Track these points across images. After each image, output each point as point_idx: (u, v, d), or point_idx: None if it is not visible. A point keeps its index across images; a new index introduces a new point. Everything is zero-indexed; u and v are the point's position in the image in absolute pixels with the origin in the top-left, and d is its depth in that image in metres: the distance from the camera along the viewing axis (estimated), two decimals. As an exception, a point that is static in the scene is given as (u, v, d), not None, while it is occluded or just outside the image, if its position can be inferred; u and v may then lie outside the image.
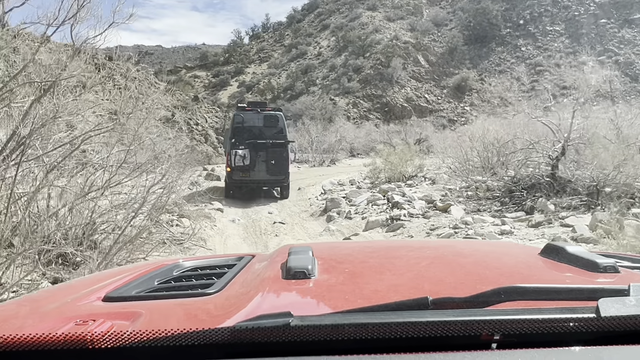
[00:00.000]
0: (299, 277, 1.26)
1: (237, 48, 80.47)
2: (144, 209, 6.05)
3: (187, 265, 1.66)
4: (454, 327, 0.80)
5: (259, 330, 0.80)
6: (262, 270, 1.47)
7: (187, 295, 1.24)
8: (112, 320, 0.95)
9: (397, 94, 51.77)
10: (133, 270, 1.60)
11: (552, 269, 1.43)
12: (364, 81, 53.56)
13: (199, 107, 34.02)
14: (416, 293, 1.06)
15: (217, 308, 1.12)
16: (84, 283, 1.58)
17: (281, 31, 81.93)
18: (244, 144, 13.12)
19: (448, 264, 1.56)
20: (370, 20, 68.56)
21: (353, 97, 51.24)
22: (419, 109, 50.80)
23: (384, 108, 50.08)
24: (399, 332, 0.79)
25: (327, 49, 68.21)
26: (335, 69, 59.35)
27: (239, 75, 70.82)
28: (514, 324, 0.81)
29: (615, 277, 1.25)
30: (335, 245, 3.36)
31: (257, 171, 13.22)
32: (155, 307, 1.13)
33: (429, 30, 65.37)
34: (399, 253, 1.84)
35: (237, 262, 1.66)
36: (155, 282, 1.43)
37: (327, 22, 74.81)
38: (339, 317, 0.85)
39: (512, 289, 0.94)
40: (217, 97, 63.17)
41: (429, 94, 53.97)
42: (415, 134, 30.29)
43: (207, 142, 30.23)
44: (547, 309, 0.85)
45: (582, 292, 0.96)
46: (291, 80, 61.52)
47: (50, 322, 1.04)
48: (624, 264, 1.48)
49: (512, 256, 1.72)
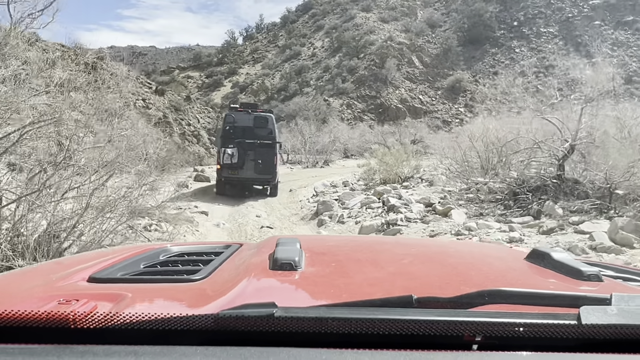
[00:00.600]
0: (286, 268, 1.26)
1: (231, 49, 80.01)
2: (115, 212, 5.42)
3: (174, 250, 1.65)
4: (437, 327, 0.80)
5: (242, 319, 0.80)
6: (249, 259, 1.47)
7: (172, 281, 1.25)
8: (96, 301, 0.94)
9: (392, 95, 51.39)
10: (120, 253, 1.59)
11: (536, 274, 1.43)
12: (358, 82, 53.16)
13: (191, 108, 33.35)
14: (401, 290, 1.00)
15: (202, 295, 1.12)
16: (69, 262, 1.60)
17: (275, 32, 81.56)
18: (233, 143, 13.48)
19: (434, 263, 1.57)
20: (364, 22, 68.24)
21: (347, 98, 50.80)
22: (413, 110, 50.39)
23: (378, 109, 49.67)
24: (382, 329, 0.79)
25: (321, 49, 67.88)
26: (329, 70, 59.03)
27: (232, 75, 70.38)
28: (495, 326, 0.81)
29: (598, 285, 1.26)
30: (323, 238, 3.30)
31: (246, 169, 13.61)
32: (139, 290, 1.12)
33: (423, 31, 65.14)
34: (386, 248, 1.85)
35: (225, 250, 1.66)
36: (141, 265, 1.44)
37: (322, 23, 74.60)
38: (324, 310, 0.85)
39: (496, 292, 0.93)
40: (210, 98, 62.69)
41: (423, 95, 53.62)
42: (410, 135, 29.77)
43: (199, 143, 29.58)
44: (529, 314, 0.85)
45: (564, 298, 0.96)
46: (285, 81, 61.21)
47: (34, 300, 1.05)
48: (608, 273, 1.50)
49: (498, 259, 1.72)
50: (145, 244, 2.33)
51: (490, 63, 61.65)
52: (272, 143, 13.85)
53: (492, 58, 62.26)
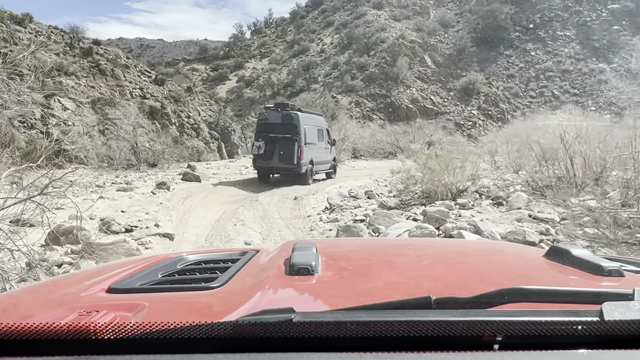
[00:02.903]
0: (303, 273, 1.25)
1: (238, 42, 78.46)
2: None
3: (191, 259, 1.67)
4: (456, 327, 0.79)
5: (261, 325, 0.80)
6: (266, 265, 1.48)
7: (190, 289, 1.25)
8: (116, 311, 0.96)
9: (403, 94, 49.66)
10: (137, 263, 1.60)
11: (556, 272, 1.41)
12: (368, 80, 51.47)
13: (192, 99, 31.66)
14: (419, 292, 1.00)
15: (220, 302, 1.13)
16: (88, 274, 1.58)
17: (284, 27, 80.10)
18: (262, 137, 15.94)
19: (451, 264, 1.56)
20: (375, 19, 66.59)
21: (356, 96, 49.11)
22: (424, 111, 48.63)
23: (388, 108, 47.96)
24: (401, 331, 0.79)
25: (330, 46, 66.31)
26: (338, 67, 57.40)
27: (238, 69, 68.96)
28: (516, 325, 0.80)
29: (620, 281, 1.23)
30: (339, 242, 3.21)
31: (274, 160, 15.84)
32: (158, 300, 1.13)
33: (435, 31, 63.43)
34: (402, 251, 1.86)
35: (241, 257, 1.67)
36: (159, 274, 1.44)
37: (331, 19, 73.07)
38: (342, 314, 0.84)
39: (515, 291, 0.93)
40: (215, 92, 61.26)
41: (435, 96, 51.86)
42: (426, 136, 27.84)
43: (199, 137, 27.90)
44: (550, 312, 0.84)
45: (586, 295, 0.95)
46: (292, 77, 59.66)
47: (54, 312, 1.05)
48: (629, 268, 1.46)
49: (517, 257, 1.70)
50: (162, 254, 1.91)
51: (505, 65, 60.05)
52: (292, 137, 15.65)
53: (507, 60, 60.67)
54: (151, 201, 11.20)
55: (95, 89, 24.05)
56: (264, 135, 15.89)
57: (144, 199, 11.54)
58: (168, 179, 15.88)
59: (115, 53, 29.17)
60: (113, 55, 28.18)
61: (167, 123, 25.87)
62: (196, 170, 17.67)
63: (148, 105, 25.38)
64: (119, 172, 17.94)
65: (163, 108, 26.29)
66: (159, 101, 26.60)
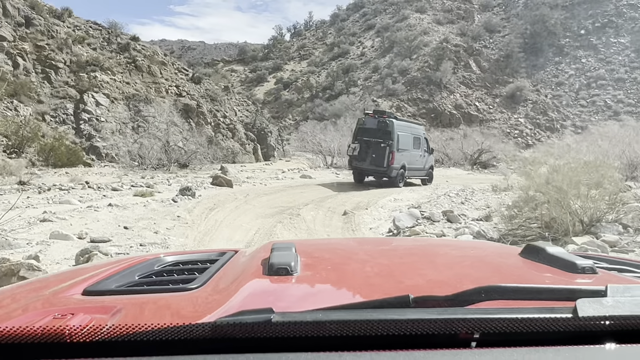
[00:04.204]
0: (282, 273, 1.24)
1: (277, 44, 78.00)
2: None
3: (168, 260, 1.62)
4: (434, 326, 0.80)
5: (240, 326, 0.79)
6: (245, 266, 1.44)
7: (168, 290, 1.22)
8: (91, 314, 0.95)
9: (446, 100, 47.81)
10: (115, 264, 1.54)
11: (532, 269, 1.42)
12: (409, 84, 49.84)
13: (229, 99, 30.80)
14: (398, 291, 1.01)
15: (198, 303, 1.11)
16: (64, 277, 1.52)
17: (324, 29, 79.21)
18: (358, 140, 17.03)
19: (430, 262, 1.57)
20: (418, 22, 64.87)
21: (397, 100, 47.59)
22: (468, 117, 46.65)
23: (430, 113, 46.22)
24: (380, 330, 0.80)
25: (370, 49, 64.98)
26: (379, 70, 56.02)
27: (277, 71, 68.46)
28: (493, 322, 0.81)
29: (593, 278, 1.26)
30: (319, 242, 3.16)
31: (367, 162, 16.78)
32: (135, 302, 1.12)
33: (480, 35, 61.23)
34: (381, 250, 1.84)
35: (220, 258, 1.62)
36: (136, 276, 1.41)
37: (372, 22, 71.80)
38: (321, 313, 0.84)
39: (492, 288, 0.93)
40: (252, 93, 60.83)
41: (479, 102, 49.75)
42: (476, 143, 25.92)
43: (234, 138, 26.96)
44: (526, 309, 0.85)
45: (560, 292, 0.97)
46: (331, 80, 58.69)
47: (28, 314, 1.04)
48: (602, 265, 1.49)
49: (494, 256, 1.71)
50: (139, 255, 1.80)
51: (554, 72, 57.37)
52: (381, 141, 16.42)
53: (556, 67, 57.98)
54: (168, 212, 9.31)
55: (131, 85, 23.40)
56: (360, 138, 17.01)
57: (161, 209, 9.72)
58: (196, 182, 14.55)
59: (153, 50, 28.59)
60: (150, 51, 27.58)
61: (202, 122, 25.01)
62: (228, 173, 16.32)
63: (183, 103, 24.57)
64: (147, 172, 16.97)
65: (199, 107, 25.46)
66: (194, 99, 25.79)
